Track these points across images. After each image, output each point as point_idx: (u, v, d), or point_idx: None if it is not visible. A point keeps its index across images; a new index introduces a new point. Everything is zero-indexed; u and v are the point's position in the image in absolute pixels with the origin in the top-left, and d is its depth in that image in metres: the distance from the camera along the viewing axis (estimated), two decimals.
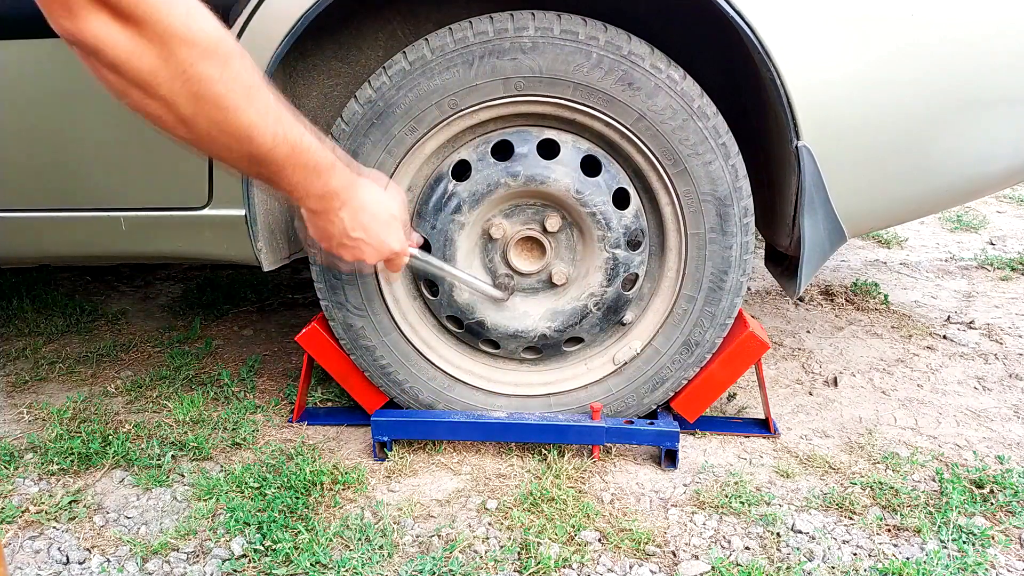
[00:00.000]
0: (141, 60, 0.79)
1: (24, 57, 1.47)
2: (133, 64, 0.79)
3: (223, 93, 0.86)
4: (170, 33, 0.79)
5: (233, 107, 0.88)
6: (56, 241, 1.67)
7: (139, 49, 0.78)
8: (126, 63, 0.79)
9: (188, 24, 0.81)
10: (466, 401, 1.70)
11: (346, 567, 1.34)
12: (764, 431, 1.75)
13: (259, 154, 0.94)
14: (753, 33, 1.39)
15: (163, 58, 0.80)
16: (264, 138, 0.93)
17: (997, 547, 1.38)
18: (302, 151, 1.00)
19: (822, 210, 1.51)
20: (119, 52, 0.78)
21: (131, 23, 0.77)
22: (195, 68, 0.82)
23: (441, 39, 1.47)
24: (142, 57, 0.79)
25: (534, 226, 1.59)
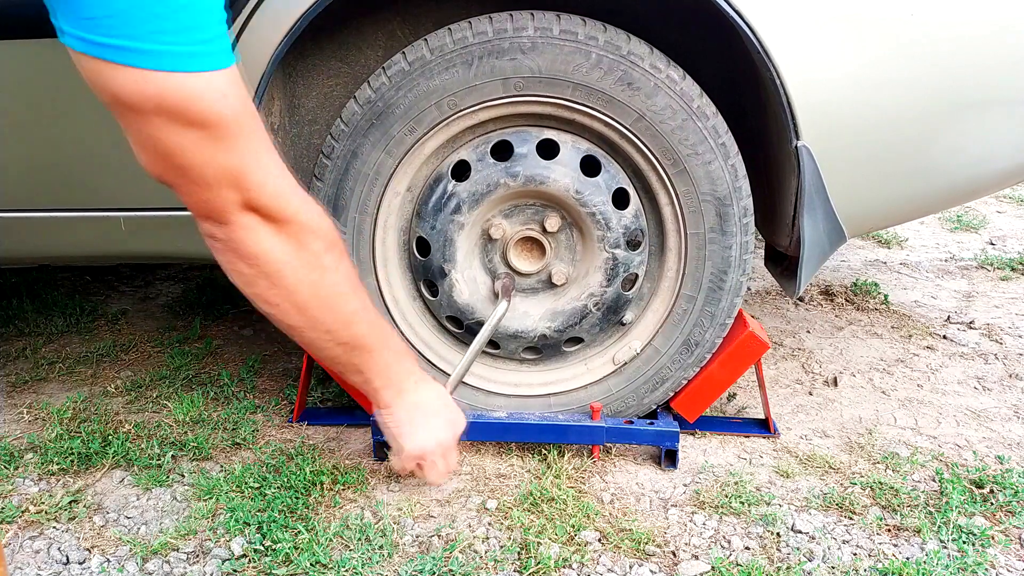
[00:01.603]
0: (278, 251, 0.91)
1: (24, 57, 1.47)
2: (271, 257, 0.91)
3: (339, 281, 1.00)
4: (306, 228, 0.92)
5: (344, 294, 1.01)
6: (56, 241, 1.67)
7: (278, 242, 0.91)
8: (265, 255, 0.91)
9: (319, 222, 0.95)
10: (466, 401, 1.70)
11: (346, 567, 1.34)
12: (764, 431, 1.75)
13: (357, 337, 1.06)
14: (753, 33, 1.39)
15: (296, 249, 0.92)
16: (364, 324, 1.06)
17: (997, 547, 1.38)
18: (388, 337, 1.13)
19: (822, 210, 1.51)
20: (261, 246, 0.90)
21: (275, 222, 0.90)
22: (320, 259, 0.95)
23: (440, 39, 1.47)
24: (280, 248, 0.91)
25: (534, 226, 1.59)
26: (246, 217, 0.88)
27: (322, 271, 0.96)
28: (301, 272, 0.94)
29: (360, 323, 1.06)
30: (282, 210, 0.90)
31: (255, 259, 0.91)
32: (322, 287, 0.97)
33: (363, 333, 1.07)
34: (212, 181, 0.85)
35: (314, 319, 1.00)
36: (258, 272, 0.92)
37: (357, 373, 1.15)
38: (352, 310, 1.03)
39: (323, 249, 0.95)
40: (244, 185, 0.87)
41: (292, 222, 0.91)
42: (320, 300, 0.98)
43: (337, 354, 1.09)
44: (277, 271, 0.93)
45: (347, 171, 1.54)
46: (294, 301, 0.97)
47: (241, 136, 0.85)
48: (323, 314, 1.00)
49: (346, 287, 1.01)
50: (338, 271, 0.99)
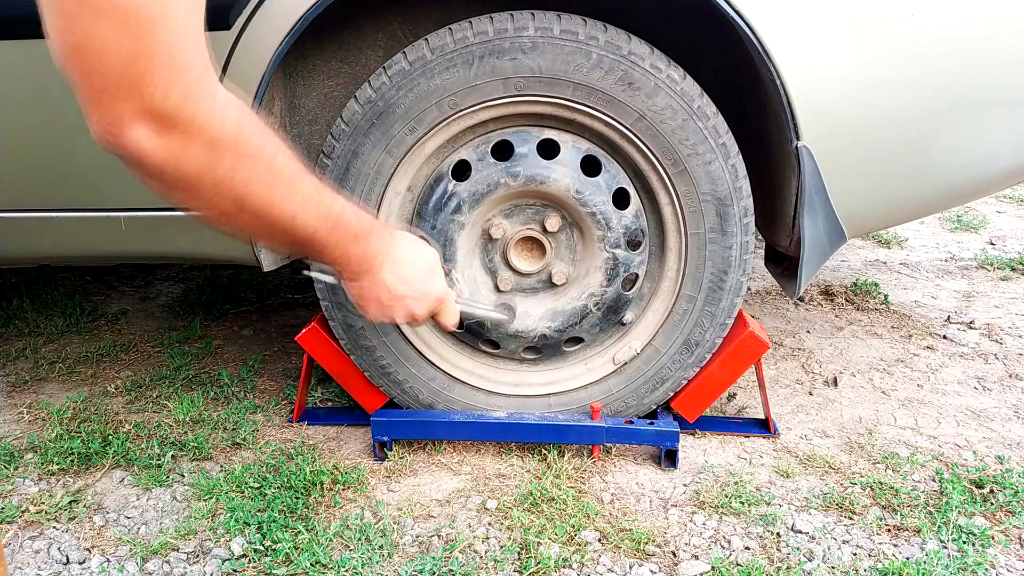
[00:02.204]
0: (185, 167, 0.77)
1: (24, 57, 1.47)
2: (177, 172, 0.77)
3: (266, 191, 0.86)
4: (213, 139, 0.78)
5: (278, 202, 0.88)
6: (56, 241, 1.67)
7: (183, 157, 0.77)
8: (171, 171, 0.77)
9: (232, 128, 0.79)
10: (466, 401, 1.70)
11: (346, 567, 1.34)
12: (764, 431, 1.75)
13: (302, 238, 0.97)
14: (753, 33, 1.39)
15: (207, 164, 0.78)
16: (307, 223, 0.95)
17: (997, 547, 1.38)
18: (342, 225, 1.02)
19: (822, 210, 1.51)
20: (164, 162, 0.76)
21: (179, 131, 0.75)
22: (239, 170, 0.82)
23: (441, 39, 1.47)
24: (186, 165, 0.77)
25: (534, 226, 1.59)
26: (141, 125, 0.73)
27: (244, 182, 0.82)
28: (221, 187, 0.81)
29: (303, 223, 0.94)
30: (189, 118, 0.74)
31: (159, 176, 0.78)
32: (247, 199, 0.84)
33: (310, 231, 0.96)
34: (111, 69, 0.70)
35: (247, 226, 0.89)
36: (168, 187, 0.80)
37: (312, 257, 1.06)
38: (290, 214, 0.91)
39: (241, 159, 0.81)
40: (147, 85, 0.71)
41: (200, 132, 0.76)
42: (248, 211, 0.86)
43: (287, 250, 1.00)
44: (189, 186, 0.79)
45: (348, 171, 1.54)
46: (219, 211, 0.84)
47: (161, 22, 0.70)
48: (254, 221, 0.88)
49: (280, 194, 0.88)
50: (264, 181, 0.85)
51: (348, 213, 1.03)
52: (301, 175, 0.92)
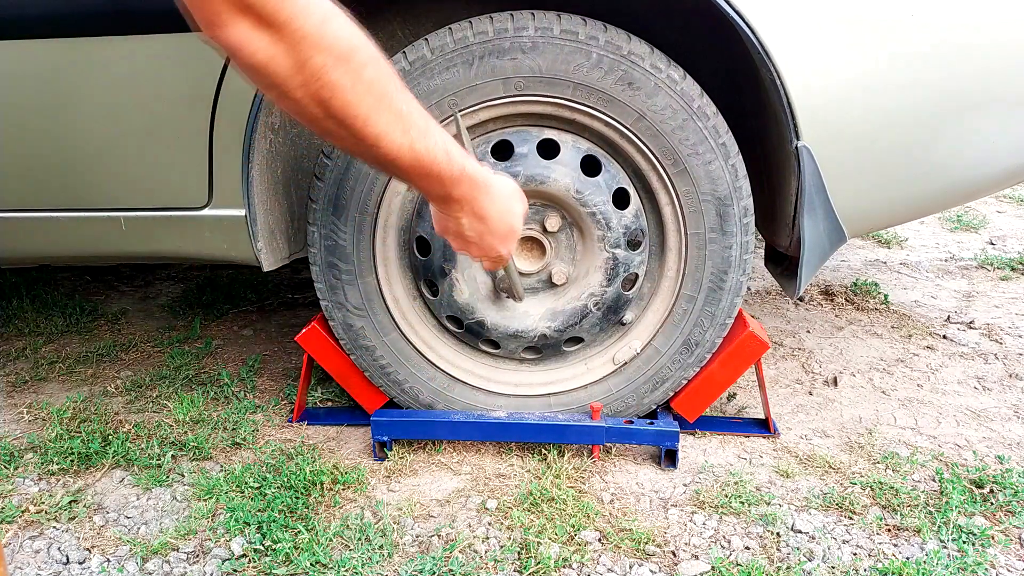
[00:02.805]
0: (277, 65, 0.81)
1: (24, 57, 1.47)
2: (270, 69, 0.81)
3: (352, 102, 0.87)
4: (306, 39, 0.81)
5: (362, 116, 0.89)
6: (56, 241, 1.67)
7: (276, 54, 0.80)
8: (264, 67, 0.81)
9: (324, 31, 0.82)
10: (466, 401, 1.70)
11: (346, 567, 1.34)
12: (764, 431, 1.75)
13: (385, 160, 0.96)
14: (753, 33, 1.39)
15: (297, 64, 0.81)
16: (390, 147, 0.94)
17: (997, 547, 1.38)
18: (428, 162, 1.00)
19: (822, 210, 1.52)
20: (258, 57, 0.80)
21: (271, 28, 0.79)
22: (327, 75, 0.83)
23: (441, 39, 1.47)
24: (278, 62, 0.81)
25: (534, 226, 1.59)
26: (239, 22, 0.78)
27: (330, 88, 0.84)
28: (308, 89, 0.84)
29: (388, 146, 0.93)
30: (277, 13, 0.78)
31: (252, 70, 0.81)
32: (332, 106, 0.86)
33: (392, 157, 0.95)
34: None
35: (334, 134, 0.90)
36: (262, 82, 0.83)
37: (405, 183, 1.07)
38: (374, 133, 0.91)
39: (331, 64, 0.83)
40: None
41: (285, 29, 0.79)
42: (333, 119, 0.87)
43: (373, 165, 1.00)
44: (279, 84, 0.83)
45: (348, 170, 1.54)
46: (308, 115, 0.87)
47: None
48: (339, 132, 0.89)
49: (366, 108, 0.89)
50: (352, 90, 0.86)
51: (436, 150, 1.01)
52: (393, 93, 0.92)
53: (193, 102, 1.48)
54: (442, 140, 1.01)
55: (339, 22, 0.84)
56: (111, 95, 1.50)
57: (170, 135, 1.52)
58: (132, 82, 1.48)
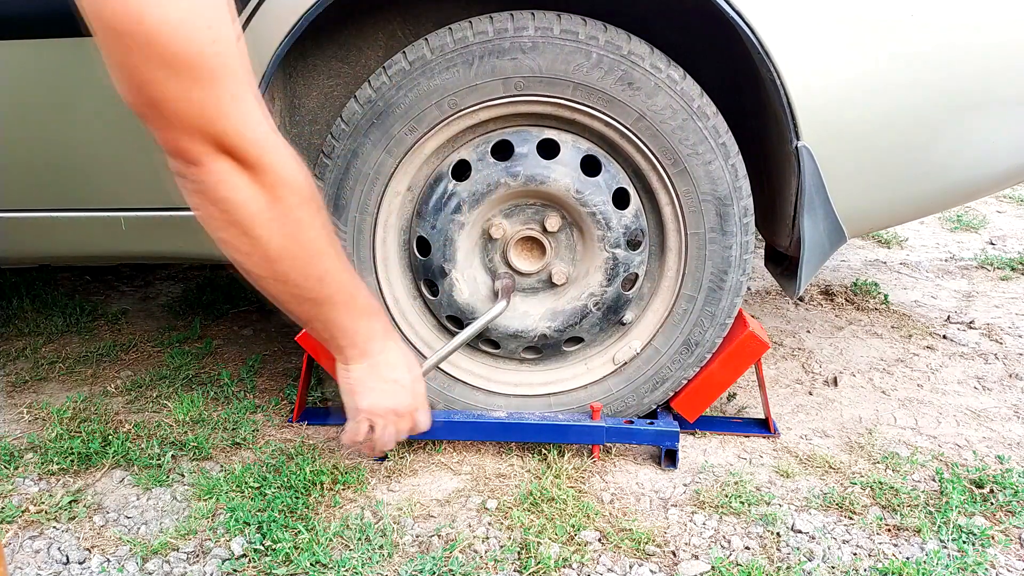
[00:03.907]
0: (251, 202, 0.88)
1: (25, 57, 1.47)
2: (243, 205, 0.88)
3: (312, 238, 0.96)
4: (282, 181, 0.89)
5: (318, 251, 0.98)
6: (56, 241, 1.67)
7: (252, 192, 0.87)
8: (237, 204, 0.87)
9: (296, 175, 0.91)
10: (466, 401, 1.70)
11: (346, 567, 1.34)
12: (764, 431, 1.75)
13: (324, 295, 1.03)
14: (753, 33, 1.39)
15: (271, 202, 0.89)
16: (333, 282, 1.02)
17: (997, 547, 1.38)
18: (357, 295, 1.09)
19: (822, 210, 1.51)
20: (234, 194, 0.86)
21: (250, 170, 0.86)
22: (295, 213, 0.92)
23: (441, 39, 1.47)
24: (253, 199, 0.88)
25: (534, 226, 1.59)
26: (219, 161, 0.84)
27: (296, 225, 0.92)
28: (273, 225, 0.91)
29: (331, 282, 1.02)
30: (259, 158, 0.86)
31: (225, 205, 0.87)
32: (294, 242, 0.94)
33: (332, 292, 1.04)
34: (185, 119, 0.81)
35: (283, 273, 0.97)
36: (228, 220, 0.89)
37: (322, 330, 1.12)
38: (324, 269, 1.00)
39: (298, 203, 0.92)
40: (220, 128, 0.82)
41: (268, 172, 0.87)
42: (291, 255, 0.95)
43: (303, 310, 1.06)
44: (248, 220, 0.89)
45: (347, 171, 1.54)
46: (264, 253, 0.93)
47: (222, 74, 0.81)
48: (293, 269, 0.97)
49: (320, 244, 0.98)
50: (312, 227, 0.95)
51: (363, 288, 1.11)
52: (335, 235, 1.02)
53: None
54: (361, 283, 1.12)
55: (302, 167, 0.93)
56: (111, 95, 1.49)
57: None
58: None
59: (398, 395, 1.22)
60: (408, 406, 1.24)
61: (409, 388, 1.23)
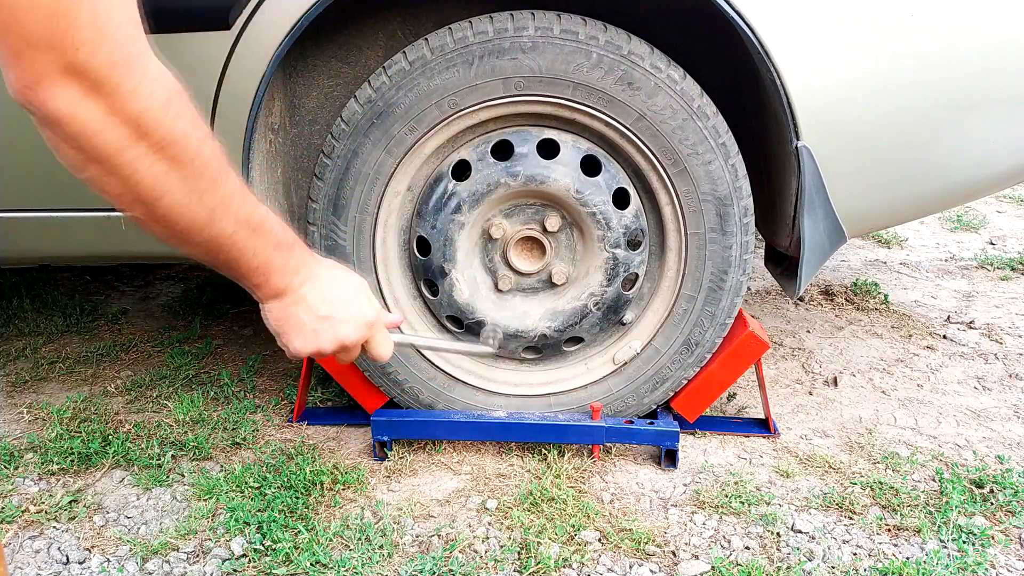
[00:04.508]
0: (108, 135, 0.72)
1: None
2: (98, 139, 0.72)
3: (190, 176, 0.80)
4: (138, 111, 0.73)
5: (197, 195, 0.82)
6: (56, 241, 1.67)
7: (108, 124, 0.72)
8: (91, 138, 0.72)
9: (159, 105, 0.75)
10: (466, 401, 1.70)
11: (346, 567, 1.34)
12: (764, 431, 1.75)
13: (220, 238, 0.89)
14: (753, 33, 1.39)
15: (128, 136, 0.73)
16: (226, 222, 0.88)
17: (997, 547, 1.38)
18: (264, 231, 0.94)
19: (822, 210, 1.51)
20: (86, 127, 0.71)
21: (103, 97, 0.71)
22: (161, 152, 0.76)
23: (441, 39, 1.47)
24: (110, 132, 0.72)
25: (534, 226, 1.59)
26: (67, 86, 0.69)
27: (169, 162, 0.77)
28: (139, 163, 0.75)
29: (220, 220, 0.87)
30: (117, 83, 0.70)
31: (78, 140, 0.72)
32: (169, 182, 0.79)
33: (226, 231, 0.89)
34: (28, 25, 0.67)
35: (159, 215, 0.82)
36: (85, 157, 0.74)
37: (227, 270, 0.97)
38: (208, 207, 0.84)
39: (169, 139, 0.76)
40: (69, 40, 0.67)
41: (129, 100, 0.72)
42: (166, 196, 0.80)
43: (197, 251, 0.91)
44: (107, 158, 0.74)
45: (347, 170, 1.54)
46: (135, 194, 0.78)
47: None
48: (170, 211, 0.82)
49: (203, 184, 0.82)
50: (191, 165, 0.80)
51: (271, 220, 0.96)
52: (225, 170, 0.86)
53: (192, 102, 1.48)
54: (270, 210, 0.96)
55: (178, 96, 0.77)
56: None
57: None
58: None
59: (335, 330, 1.08)
60: (352, 339, 1.09)
61: (349, 319, 1.09)
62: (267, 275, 1.00)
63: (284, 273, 1.01)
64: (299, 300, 1.04)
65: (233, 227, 0.90)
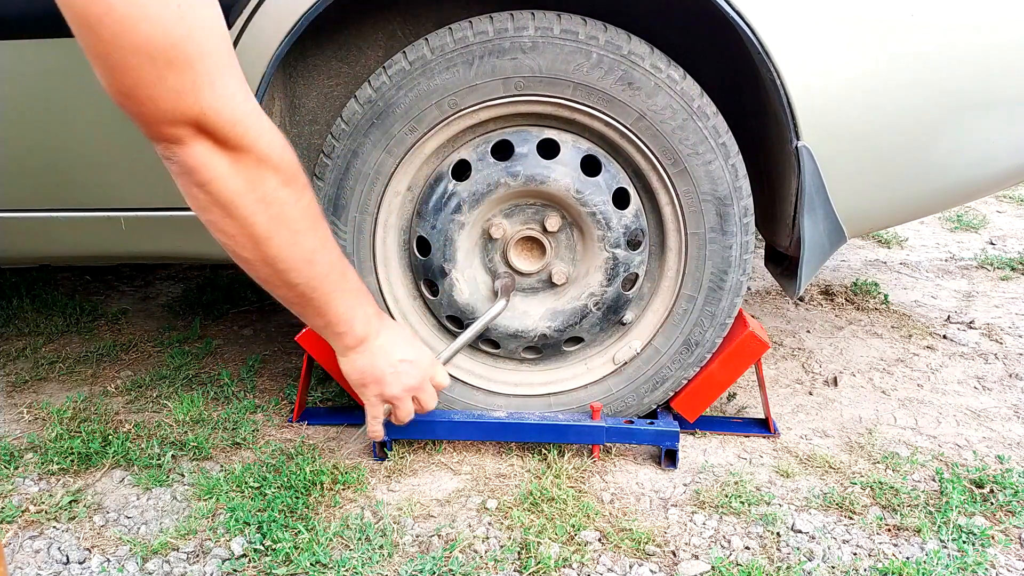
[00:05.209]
0: (232, 182, 0.88)
1: (25, 57, 1.47)
2: (224, 185, 0.87)
3: (297, 217, 0.95)
4: (264, 161, 0.89)
5: (303, 231, 0.97)
6: (56, 241, 1.67)
7: (233, 173, 0.87)
8: (219, 184, 0.87)
9: (280, 154, 0.91)
10: (466, 401, 1.70)
11: (346, 567, 1.34)
12: (764, 431, 1.75)
13: (316, 278, 1.02)
14: (753, 33, 1.39)
15: (252, 182, 0.89)
16: (322, 265, 1.02)
17: (997, 547, 1.38)
18: (349, 279, 1.09)
19: (822, 210, 1.52)
20: (215, 175, 0.86)
21: (231, 150, 0.86)
22: (278, 193, 0.92)
23: (441, 39, 1.47)
24: (234, 179, 0.88)
25: (534, 226, 1.59)
26: (198, 143, 0.84)
27: (280, 205, 0.93)
28: (256, 206, 0.91)
29: (319, 263, 1.01)
30: (239, 139, 0.86)
31: (207, 186, 0.88)
32: (278, 222, 0.94)
33: (322, 273, 1.03)
34: (162, 104, 0.81)
35: (271, 256, 0.97)
36: (211, 201, 0.89)
37: (316, 316, 1.10)
38: (310, 248, 0.99)
39: (280, 183, 0.92)
40: (197, 110, 0.82)
41: (249, 152, 0.87)
42: (276, 236, 0.95)
43: (294, 295, 1.05)
44: (230, 201, 0.89)
45: (347, 170, 1.54)
46: (249, 235, 0.93)
47: (197, 57, 0.80)
48: (279, 251, 0.96)
49: (304, 224, 0.97)
50: (296, 206, 0.95)
51: (353, 271, 1.10)
52: (320, 214, 1.01)
53: None
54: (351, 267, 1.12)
55: (287, 146, 0.92)
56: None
57: None
58: None
59: (410, 373, 1.23)
60: (418, 382, 1.25)
61: (417, 363, 1.24)
62: (351, 323, 1.13)
63: (366, 321, 1.14)
64: (376, 350, 1.18)
65: (327, 269, 1.04)
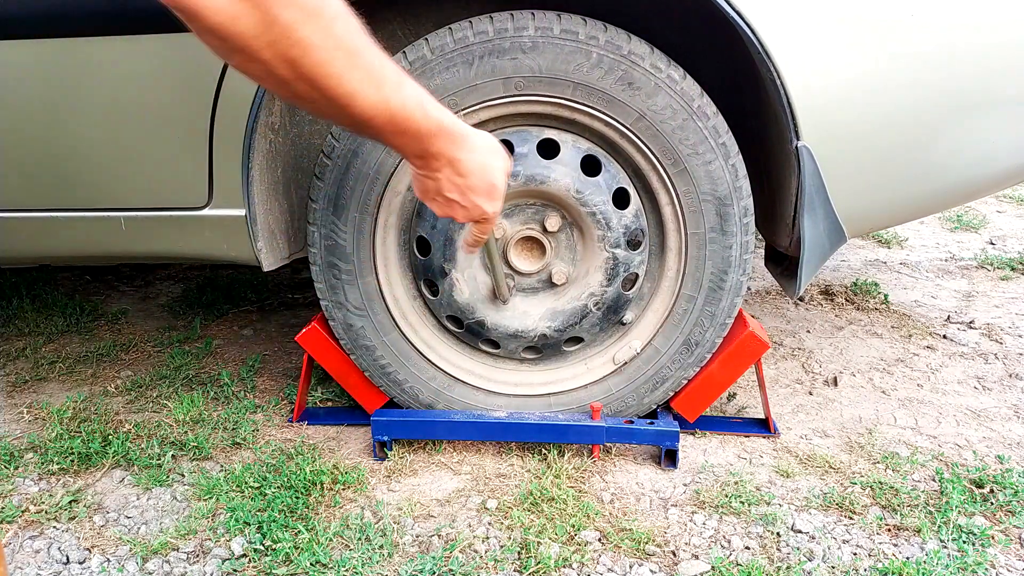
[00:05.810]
0: (242, 24, 0.76)
1: (24, 57, 1.47)
2: (234, 28, 0.76)
3: (324, 60, 0.83)
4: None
5: (334, 74, 0.84)
6: (56, 241, 1.67)
7: (240, 12, 0.76)
8: (228, 27, 0.76)
9: None
10: (466, 401, 1.70)
11: (346, 567, 1.34)
12: (764, 431, 1.75)
13: (359, 120, 0.91)
14: (753, 33, 1.39)
15: (265, 22, 0.77)
16: (364, 105, 0.89)
17: (997, 547, 1.38)
18: (403, 118, 0.95)
19: (822, 210, 1.52)
20: (221, 17, 0.75)
21: None
22: (297, 32, 0.79)
23: (441, 39, 1.47)
24: (243, 21, 0.76)
25: (534, 226, 1.59)
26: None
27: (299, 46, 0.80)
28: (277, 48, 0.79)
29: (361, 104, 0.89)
30: None
31: (216, 32, 0.77)
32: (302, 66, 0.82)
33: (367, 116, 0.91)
34: None
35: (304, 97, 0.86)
36: (228, 46, 0.78)
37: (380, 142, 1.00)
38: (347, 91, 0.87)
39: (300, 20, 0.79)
40: None
41: None
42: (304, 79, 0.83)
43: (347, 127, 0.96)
44: (246, 45, 0.78)
45: (348, 170, 1.54)
46: (277, 77, 0.82)
47: None
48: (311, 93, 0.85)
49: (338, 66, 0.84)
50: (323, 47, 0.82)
51: (411, 104, 0.96)
52: (363, 48, 0.87)
53: (193, 102, 1.48)
54: (417, 93, 0.96)
55: None
56: (111, 95, 1.50)
57: (170, 135, 1.52)
58: (132, 82, 1.48)
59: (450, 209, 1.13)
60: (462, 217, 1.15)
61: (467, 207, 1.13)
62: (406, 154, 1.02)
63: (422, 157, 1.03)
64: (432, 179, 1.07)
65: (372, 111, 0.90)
